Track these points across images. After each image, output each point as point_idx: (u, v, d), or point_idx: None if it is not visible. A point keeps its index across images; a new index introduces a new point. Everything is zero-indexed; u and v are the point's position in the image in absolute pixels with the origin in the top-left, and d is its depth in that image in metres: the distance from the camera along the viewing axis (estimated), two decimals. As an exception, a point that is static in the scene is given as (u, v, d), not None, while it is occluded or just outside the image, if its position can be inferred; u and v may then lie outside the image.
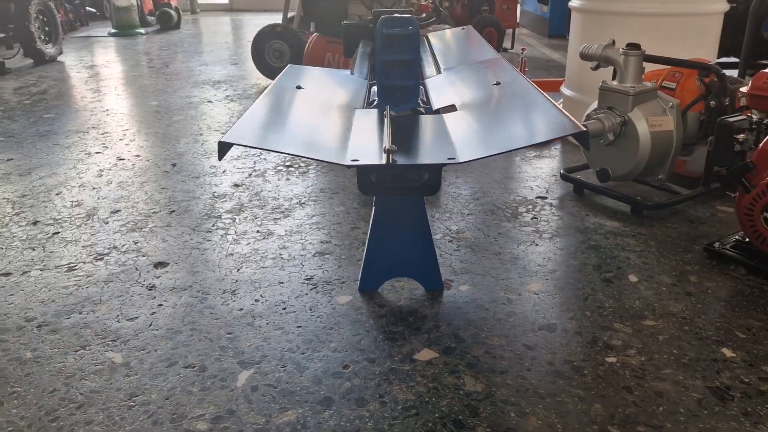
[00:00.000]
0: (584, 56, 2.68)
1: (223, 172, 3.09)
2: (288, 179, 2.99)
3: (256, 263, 2.17)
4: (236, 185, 2.92)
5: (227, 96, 4.75)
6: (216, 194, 2.81)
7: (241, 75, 5.59)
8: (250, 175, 3.05)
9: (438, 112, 1.83)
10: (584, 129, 1.22)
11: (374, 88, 2.00)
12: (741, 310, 1.88)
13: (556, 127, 1.25)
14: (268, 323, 1.82)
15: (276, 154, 3.37)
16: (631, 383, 1.56)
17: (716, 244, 2.20)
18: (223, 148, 1.23)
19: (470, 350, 1.69)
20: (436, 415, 1.45)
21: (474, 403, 1.49)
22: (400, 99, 1.77)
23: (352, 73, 2.19)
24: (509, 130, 1.37)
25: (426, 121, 1.57)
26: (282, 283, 2.04)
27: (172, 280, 2.06)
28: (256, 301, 1.93)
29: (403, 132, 1.48)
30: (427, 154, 1.33)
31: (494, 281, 2.04)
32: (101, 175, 3.05)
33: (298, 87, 1.81)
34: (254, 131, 1.33)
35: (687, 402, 1.49)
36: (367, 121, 1.60)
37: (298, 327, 1.80)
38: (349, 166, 1.24)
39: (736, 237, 2.21)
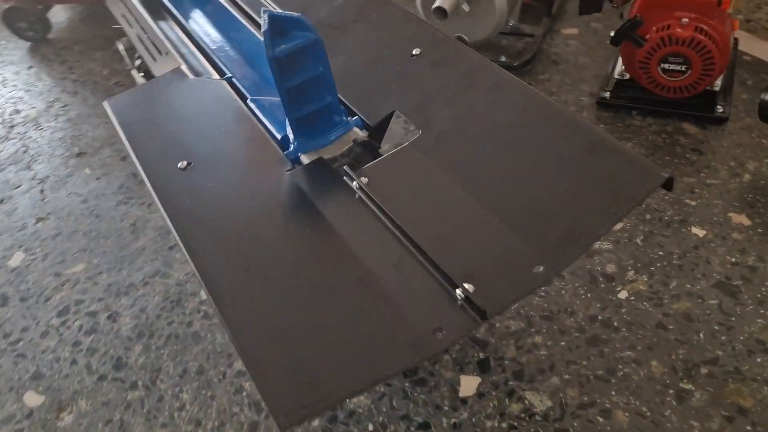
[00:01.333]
0: None
1: None
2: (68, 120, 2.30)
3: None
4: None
5: None
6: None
7: None
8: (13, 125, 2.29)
9: (380, 129, 1.41)
10: (667, 176, 1.01)
11: (256, 104, 1.46)
12: (673, 169, 1.95)
13: (639, 178, 1.02)
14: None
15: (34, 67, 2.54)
16: (658, 316, 1.60)
17: (607, 94, 2.19)
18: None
19: (501, 353, 1.58)
20: (540, 462, 1.38)
21: (558, 425, 1.43)
22: (322, 125, 1.31)
23: (190, 74, 1.57)
24: (562, 190, 1.07)
25: (424, 187, 1.17)
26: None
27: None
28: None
29: (413, 220, 1.09)
30: (503, 275, 1.01)
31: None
32: None
33: (181, 168, 1.25)
34: (290, 370, 0.89)
35: (714, 316, 1.58)
36: (344, 216, 1.14)
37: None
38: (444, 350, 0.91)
39: (615, 77, 2.21)
